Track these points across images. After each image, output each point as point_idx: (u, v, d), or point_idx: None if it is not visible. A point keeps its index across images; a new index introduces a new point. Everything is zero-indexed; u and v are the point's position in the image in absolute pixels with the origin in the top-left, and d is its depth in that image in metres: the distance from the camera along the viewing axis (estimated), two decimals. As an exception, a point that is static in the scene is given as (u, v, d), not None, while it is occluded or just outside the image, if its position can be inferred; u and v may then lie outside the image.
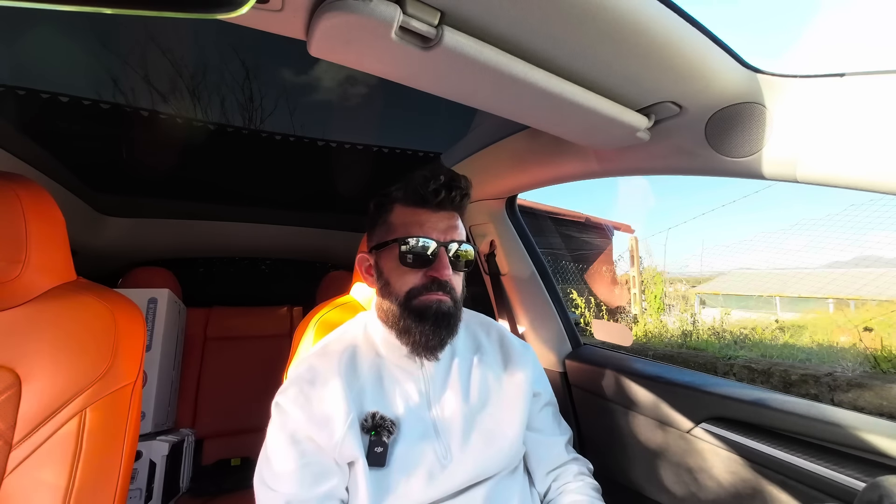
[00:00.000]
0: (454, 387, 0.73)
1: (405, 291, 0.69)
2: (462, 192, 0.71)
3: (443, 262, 0.68)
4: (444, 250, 0.69)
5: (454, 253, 0.70)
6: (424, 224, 0.69)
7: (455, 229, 0.72)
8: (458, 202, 0.72)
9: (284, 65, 1.23)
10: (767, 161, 0.63)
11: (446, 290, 0.68)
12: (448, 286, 0.69)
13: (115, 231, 1.56)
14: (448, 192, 0.69)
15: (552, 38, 0.52)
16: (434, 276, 0.68)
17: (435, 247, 0.68)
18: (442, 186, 0.69)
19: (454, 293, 0.70)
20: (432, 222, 0.70)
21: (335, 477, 0.62)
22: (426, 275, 0.68)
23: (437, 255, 0.68)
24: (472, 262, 0.74)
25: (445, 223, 0.71)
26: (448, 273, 0.68)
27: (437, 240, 0.69)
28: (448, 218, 0.71)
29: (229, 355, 1.81)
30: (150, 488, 1.28)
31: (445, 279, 0.68)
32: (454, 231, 0.71)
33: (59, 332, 0.67)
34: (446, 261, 0.68)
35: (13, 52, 1.04)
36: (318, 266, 2.19)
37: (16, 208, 0.66)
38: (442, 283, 0.68)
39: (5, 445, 0.61)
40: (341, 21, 0.45)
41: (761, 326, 3.80)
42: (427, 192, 0.69)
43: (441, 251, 0.68)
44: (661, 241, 5.42)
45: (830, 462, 0.68)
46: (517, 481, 0.72)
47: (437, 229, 0.69)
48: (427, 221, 0.70)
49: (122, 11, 0.32)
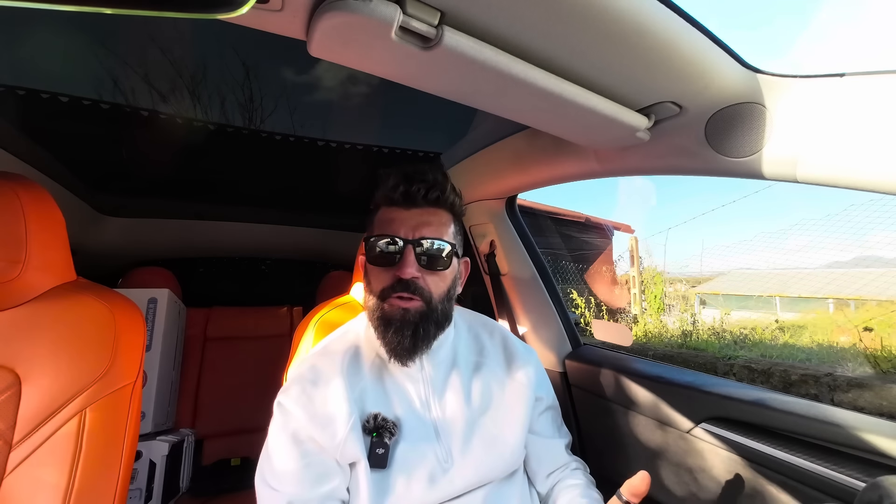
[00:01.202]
0: (455, 390, 0.72)
1: (378, 292, 0.68)
2: (428, 185, 0.68)
3: (406, 260, 0.65)
4: (410, 248, 0.65)
5: (424, 251, 0.66)
6: (394, 222, 0.68)
7: (426, 226, 0.68)
8: (431, 197, 0.69)
9: (284, 65, 1.23)
10: (767, 161, 0.63)
11: (410, 290, 0.65)
12: (413, 286, 0.65)
13: (115, 231, 1.56)
14: (409, 185, 0.67)
15: (552, 38, 0.52)
16: (398, 275, 0.65)
17: (399, 245, 0.66)
18: (402, 181, 0.67)
19: (424, 294, 0.66)
20: (401, 220, 0.68)
21: (337, 477, 0.62)
22: (394, 274, 0.66)
23: (401, 253, 0.66)
24: (448, 260, 0.69)
25: (416, 220, 0.68)
26: (410, 272, 0.65)
27: (403, 237, 0.66)
28: (421, 215, 0.68)
29: (229, 355, 1.80)
30: (150, 488, 1.28)
31: (407, 278, 0.65)
32: (425, 228, 0.67)
33: (59, 332, 0.67)
34: (411, 259, 0.65)
35: (13, 52, 1.03)
36: (318, 266, 2.19)
37: (16, 208, 0.66)
38: (404, 282, 0.65)
39: (5, 445, 0.61)
40: (341, 21, 0.45)
41: (761, 326, 3.80)
42: (388, 188, 0.68)
43: (407, 249, 0.65)
44: (660, 241, 5.43)
45: (830, 462, 0.68)
46: (517, 484, 0.72)
47: (405, 226, 0.67)
48: (396, 219, 0.68)
49: (122, 11, 0.32)
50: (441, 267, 0.68)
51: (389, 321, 0.66)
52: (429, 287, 0.67)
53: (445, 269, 0.69)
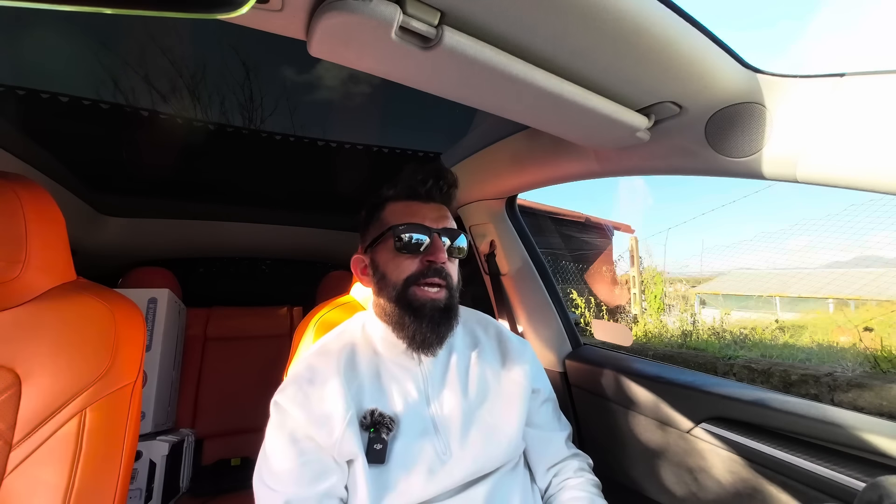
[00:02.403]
0: (452, 383, 0.73)
1: (403, 279, 0.69)
2: (448, 182, 0.74)
3: (438, 245, 0.69)
4: (437, 236, 0.70)
5: (451, 240, 0.72)
6: (417, 213, 0.72)
7: (446, 219, 0.74)
8: (445, 192, 0.75)
9: (284, 65, 1.23)
10: (767, 161, 0.63)
11: (442, 275, 0.69)
12: (444, 272, 0.69)
13: (115, 231, 1.56)
14: (436, 181, 0.73)
15: (552, 38, 0.52)
16: (431, 259, 0.68)
17: (430, 232, 0.70)
18: (429, 176, 0.73)
19: (450, 281, 0.70)
20: (424, 212, 0.72)
21: (334, 475, 0.62)
22: (423, 260, 0.69)
23: (432, 239, 0.69)
24: (466, 251, 0.75)
25: (437, 213, 0.73)
26: (444, 257, 0.69)
27: (430, 226, 0.70)
28: (438, 209, 0.74)
29: (229, 355, 1.80)
30: (150, 488, 1.28)
31: (442, 263, 0.68)
32: (446, 220, 0.74)
33: (59, 332, 0.67)
34: (441, 245, 0.69)
35: (13, 52, 1.03)
36: (318, 266, 2.19)
37: (16, 208, 0.66)
38: (438, 268, 0.68)
39: (5, 445, 0.61)
40: (341, 21, 0.45)
41: (761, 326, 3.80)
42: (416, 181, 0.73)
43: (435, 236, 0.70)
44: (661, 241, 5.43)
45: (830, 462, 0.68)
46: (518, 478, 0.73)
47: (429, 218, 0.72)
48: (419, 211, 0.72)
49: (122, 11, 0.32)
50: (461, 256, 0.74)
51: (419, 311, 0.68)
52: (452, 275, 0.72)
53: (462, 258, 0.75)
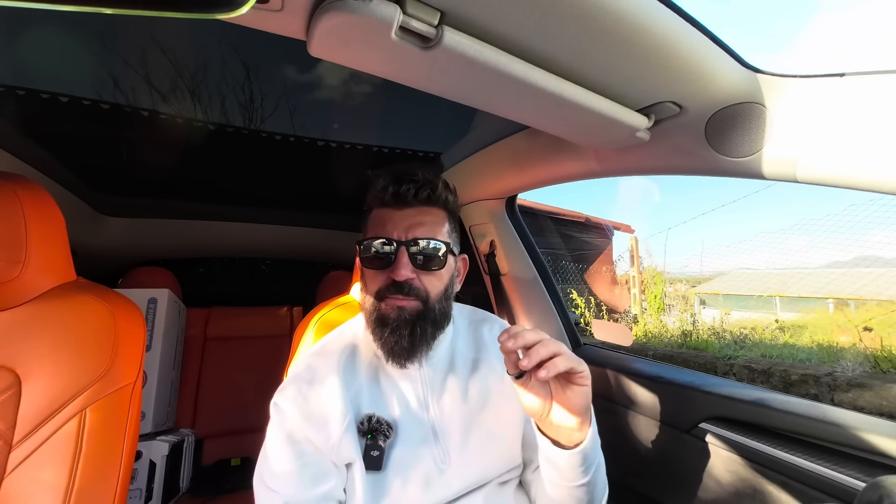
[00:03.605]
0: (453, 388, 0.71)
1: (373, 293, 0.67)
2: (418, 184, 0.67)
3: (400, 261, 0.64)
4: (403, 249, 0.65)
5: (419, 251, 0.65)
6: (387, 223, 0.67)
7: (420, 226, 0.67)
8: (422, 196, 0.68)
9: (285, 65, 1.23)
10: (767, 161, 0.63)
11: (404, 291, 0.64)
12: (407, 287, 0.65)
13: (114, 231, 1.56)
14: (398, 186, 0.66)
15: (552, 38, 0.52)
16: (391, 277, 0.64)
17: (393, 246, 0.65)
18: (391, 182, 0.66)
19: (420, 294, 0.66)
20: (394, 221, 0.67)
21: (333, 478, 0.62)
22: (388, 276, 0.65)
23: (395, 254, 0.65)
24: (444, 260, 0.67)
25: (409, 221, 0.67)
26: (405, 273, 0.64)
27: (396, 238, 0.65)
28: (413, 215, 0.67)
29: (229, 355, 1.80)
30: (150, 488, 1.28)
31: (401, 280, 0.64)
32: (418, 228, 0.66)
33: (59, 332, 0.67)
34: (405, 260, 0.64)
35: (13, 52, 1.03)
36: (318, 266, 2.19)
37: (16, 208, 0.66)
38: (399, 284, 0.64)
39: (5, 445, 0.61)
40: (341, 21, 0.45)
41: (761, 326, 3.80)
42: (378, 189, 0.68)
43: (400, 250, 0.65)
44: (661, 241, 5.43)
45: (830, 462, 0.68)
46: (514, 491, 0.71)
47: (398, 228, 0.66)
48: (389, 220, 0.67)
49: (122, 11, 0.32)
50: (436, 266, 0.67)
51: (385, 321, 0.65)
52: (425, 287, 0.66)
53: (441, 269, 0.68)
